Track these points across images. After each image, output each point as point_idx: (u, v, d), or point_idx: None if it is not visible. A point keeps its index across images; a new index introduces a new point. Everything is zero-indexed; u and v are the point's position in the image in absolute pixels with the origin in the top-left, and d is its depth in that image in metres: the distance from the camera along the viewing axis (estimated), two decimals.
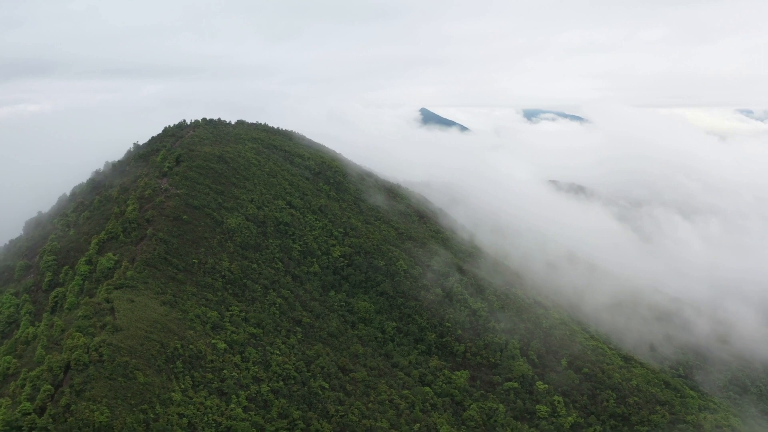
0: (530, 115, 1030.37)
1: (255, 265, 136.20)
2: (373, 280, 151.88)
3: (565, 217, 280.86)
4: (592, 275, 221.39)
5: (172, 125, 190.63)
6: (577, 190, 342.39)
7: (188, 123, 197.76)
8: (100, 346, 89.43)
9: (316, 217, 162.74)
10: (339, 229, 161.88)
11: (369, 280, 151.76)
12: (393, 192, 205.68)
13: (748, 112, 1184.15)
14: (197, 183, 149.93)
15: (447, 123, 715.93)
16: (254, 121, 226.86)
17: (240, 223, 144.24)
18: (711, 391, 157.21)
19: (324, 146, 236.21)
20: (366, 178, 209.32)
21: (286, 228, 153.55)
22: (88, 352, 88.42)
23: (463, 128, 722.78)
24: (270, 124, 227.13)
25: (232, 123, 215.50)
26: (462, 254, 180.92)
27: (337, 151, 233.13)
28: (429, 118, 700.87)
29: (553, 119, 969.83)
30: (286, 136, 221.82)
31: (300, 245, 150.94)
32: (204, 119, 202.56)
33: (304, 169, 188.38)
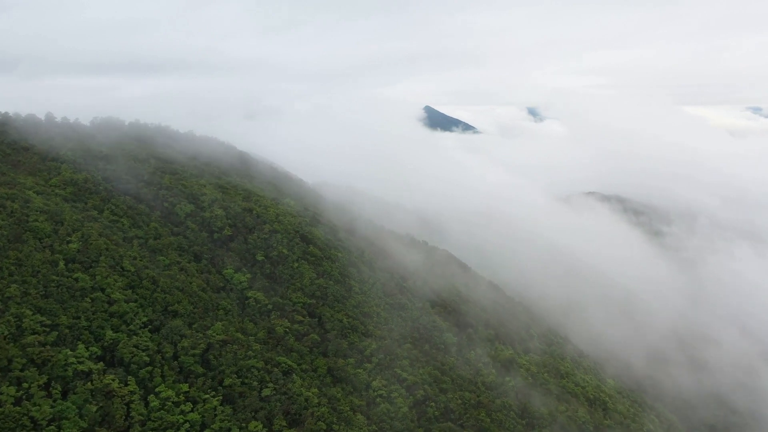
0: (535, 112, 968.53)
1: None
2: None
3: (591, 242, 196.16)
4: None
5: None
6: (596, 199, 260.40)
7: None
8: None
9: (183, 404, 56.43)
10: None
11: None
12: (401, 272, 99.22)
13: (757, 110, 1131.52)
14: None
15: (451, 122, 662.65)
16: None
17: None
18: None
19: (279, 167, 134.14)
20: (337, 236, 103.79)
21: None
22: None
23: (467, 127, 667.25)
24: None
25: (86, 124, 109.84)
26: None
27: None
28: (433, 117, 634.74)
29: (559, 117, 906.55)
30: (192, 144, 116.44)
31: None
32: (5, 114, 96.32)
33: (194, 229, 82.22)
